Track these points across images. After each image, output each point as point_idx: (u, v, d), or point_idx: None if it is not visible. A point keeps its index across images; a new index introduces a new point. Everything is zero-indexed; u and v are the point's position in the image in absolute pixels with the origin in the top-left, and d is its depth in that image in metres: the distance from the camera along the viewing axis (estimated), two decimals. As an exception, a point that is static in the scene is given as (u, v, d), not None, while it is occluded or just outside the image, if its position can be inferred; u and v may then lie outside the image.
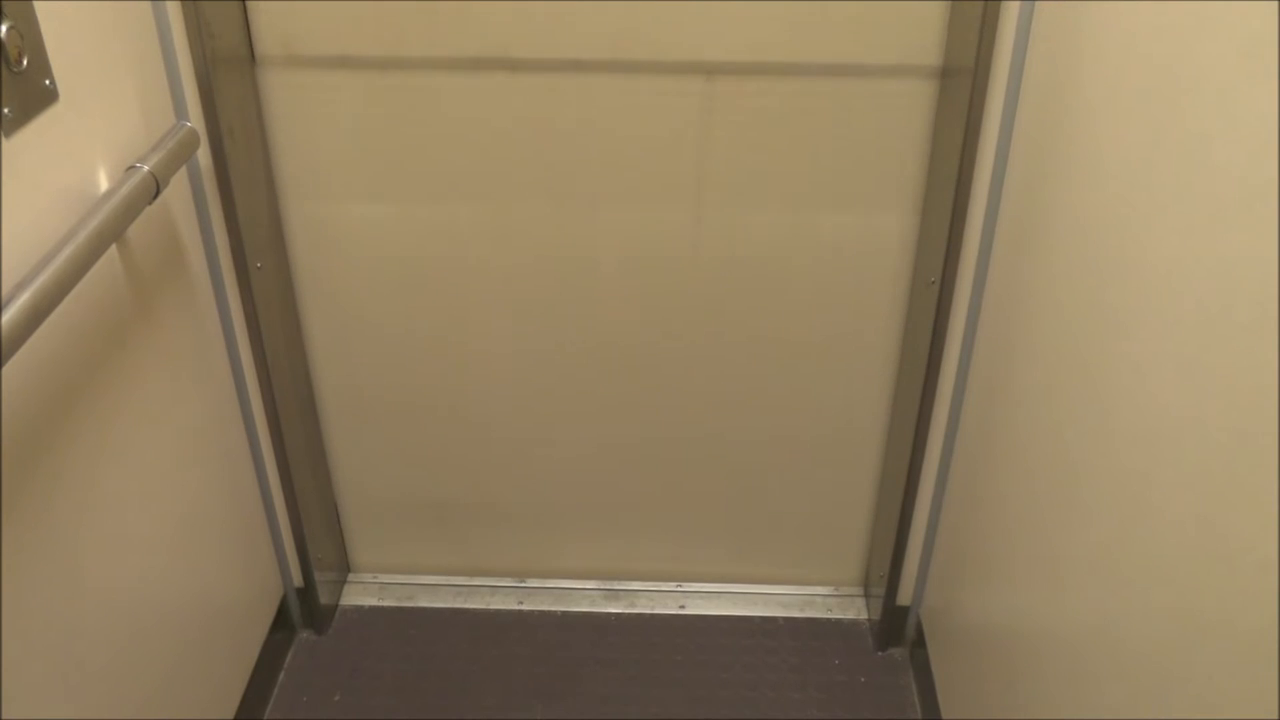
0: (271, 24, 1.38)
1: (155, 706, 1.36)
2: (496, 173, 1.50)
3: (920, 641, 1.78)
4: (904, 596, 1.81)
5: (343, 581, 1.98)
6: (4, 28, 0.96)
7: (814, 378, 1.69)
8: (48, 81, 1.05)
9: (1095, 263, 1.06)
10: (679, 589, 1.97)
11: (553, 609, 1.94)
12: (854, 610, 1.94)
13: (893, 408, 1.71)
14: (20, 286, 0.93)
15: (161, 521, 1.36)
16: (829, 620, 1.92)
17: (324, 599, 1.87)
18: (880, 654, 1.85)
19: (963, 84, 1.31)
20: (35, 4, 1.02)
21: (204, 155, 1.38)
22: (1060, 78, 1.17)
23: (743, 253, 1.56)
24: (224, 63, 1.34)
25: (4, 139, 0.98)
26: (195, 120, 1.36)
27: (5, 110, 0.98)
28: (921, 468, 1.64)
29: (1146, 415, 0.93)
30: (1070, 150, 1.14)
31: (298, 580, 1.84)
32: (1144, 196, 0.95)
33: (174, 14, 1.29)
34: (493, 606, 1.95)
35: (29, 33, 1.01)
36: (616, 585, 1.98)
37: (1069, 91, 1.15)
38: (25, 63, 1.00)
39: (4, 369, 0.91)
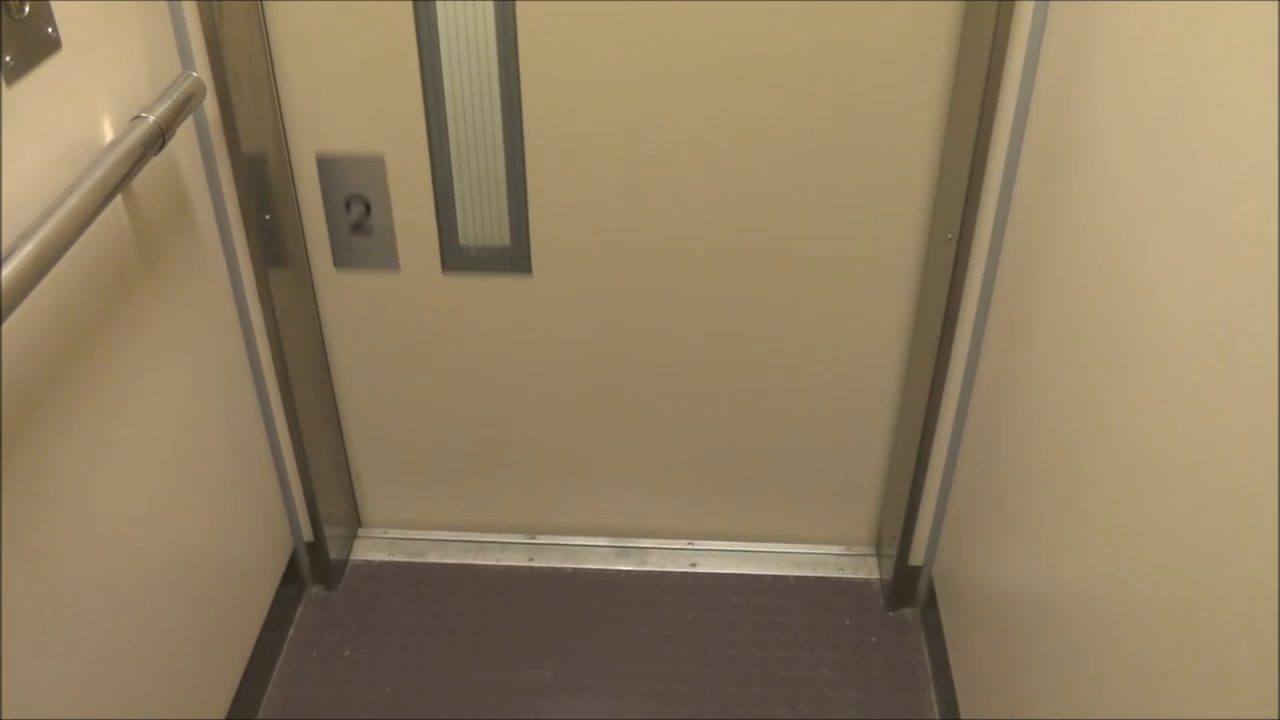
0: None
1: (164, 659, 1.36)
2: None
3: (932, 602, 1.78)
4: (916, 556, 1.80)
5: (353, 537, 1.98)
6: (4, -28, 0.94)
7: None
8: (50, 29, 1.03)
9: (1118, 218, 1.04)
10: (690, 546, 1.97)
11: (563, 566, 1.94)
12: (866, 570, 1.93)
13: (907, 367, 1.69)
14: (24, 237, 0.92)
15: (169, 475, 1.36)
16: (840, 579, 1.91)
17: (334, 554, 1.87)
18: (891, 614, 1.85)
19: (984, 34, 1.29)
20: (36, -52, 1.00)
21: (210, 106, 1.36)
22: (1083, 28, 1.15)
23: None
24: (231, 11, 1.32)
25: (5, 87, 0.96)
26: (201, 70, 1.34)
27: (7, 58, 0.96)
28: (936, 428, 1.62)
29: (1168, 377, 0.92)
30: (1093, 101, 1.12)
31: (308, 535, 1.84)
32: (1169, 149, 0.93)
33: (179, -39, 1.27)
34: (503, 563, 1.94)
35: (30, -22, 0.99)
36: (628, 542, 1.97)
37: (1093, 41, 1.12)
38: (27, 10, 0.99)
39: (9, 320, 0.90)
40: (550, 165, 1.52)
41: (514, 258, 1.61)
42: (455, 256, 1.62)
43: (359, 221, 1.58)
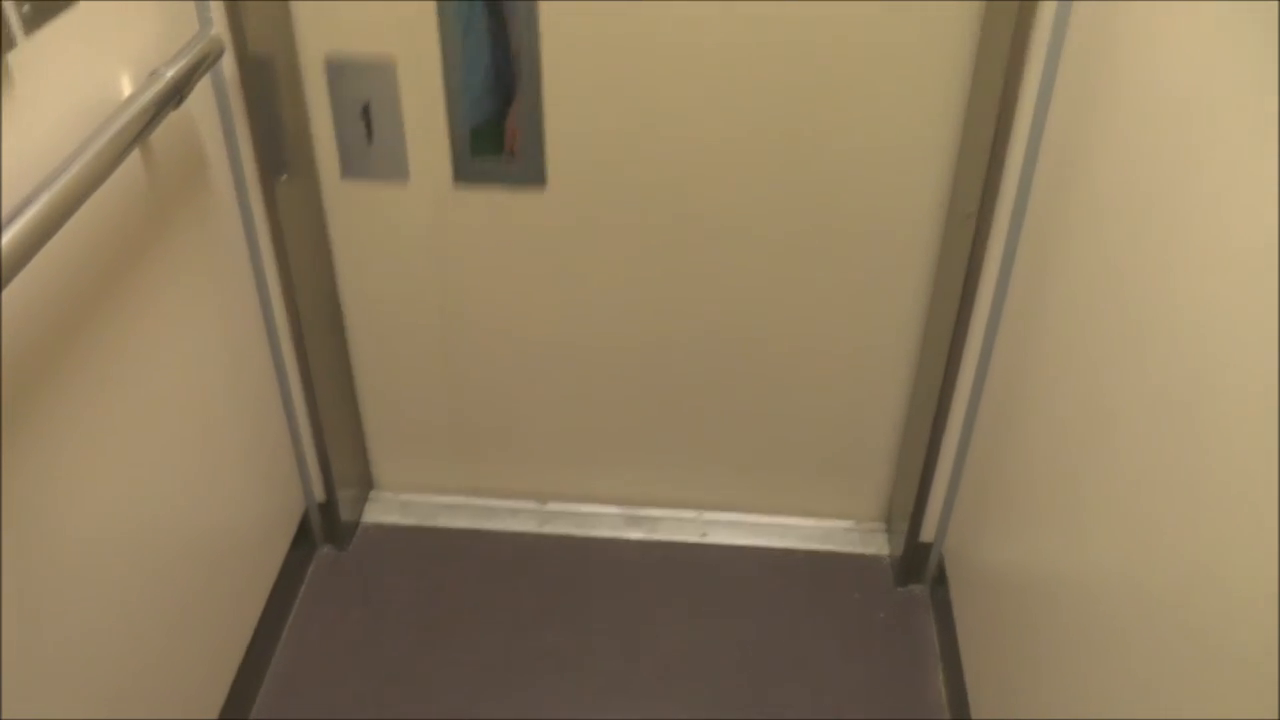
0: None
1: (176, 618, 1.37)
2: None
3: (941, 579, 1.77)
4: (927, 533, 1.79)
5: (364, 499, 1.99)
6: (23, -78, 0.94)
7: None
8: (68, -19, 1.03)
9: (1137, 207, 1.03)
10: (700, 517, 1.97)
11: (573, 533, 1.94)
12: (875, 545, 1.93)
13: (923, 342, 1.68)
14: (39, 189, 0.92)
15: (182, 434, 1.36)
16: (850, 554, 1.91)
17: (345, 516, 1.88)
18: (900, 590, 1.85)
19: (1006, 21, 1.27)
20: (56, -101, 0.99)
21: (229, 64, 1.36)
22: (1107, 22, 1.13)
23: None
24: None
25: (24, 36, 0.96)
26: (220, 28, 1.33)
27: (25, 7, 0.95)
28: (950, 404, 1.62)
29: (1180, 365, 0.91)
30: (1115, 92, 1.10)
31: (320, 496, 1.84)
32: (1189, 141, 0.92)
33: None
34: (513, 529, 1.95)
35: (49, -72, 0.98)
36: (638, 511, 1.98)
37: (1116, 34, 1.11)
38: (45, -40, 0.98)
39: (22, 273, 0.90)
40: (568, 81, 1.51)
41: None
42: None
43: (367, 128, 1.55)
